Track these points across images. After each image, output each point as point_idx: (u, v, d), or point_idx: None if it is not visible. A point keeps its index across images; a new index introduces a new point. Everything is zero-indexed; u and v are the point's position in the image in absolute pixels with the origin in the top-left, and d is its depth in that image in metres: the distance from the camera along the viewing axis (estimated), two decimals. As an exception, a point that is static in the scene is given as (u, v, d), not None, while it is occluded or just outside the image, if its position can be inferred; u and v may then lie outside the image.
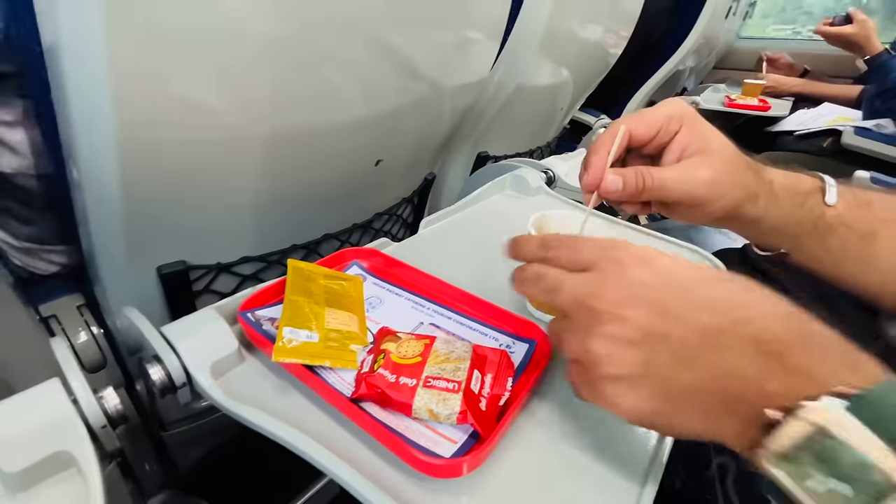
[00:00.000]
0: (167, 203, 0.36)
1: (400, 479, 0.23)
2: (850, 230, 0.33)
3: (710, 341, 0.20)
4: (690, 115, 0.31)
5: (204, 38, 0.29)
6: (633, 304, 0.21)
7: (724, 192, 0.30)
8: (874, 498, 0.16)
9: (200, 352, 0.27)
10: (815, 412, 0.17)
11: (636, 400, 0.21)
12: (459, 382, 0.25)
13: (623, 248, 0.23)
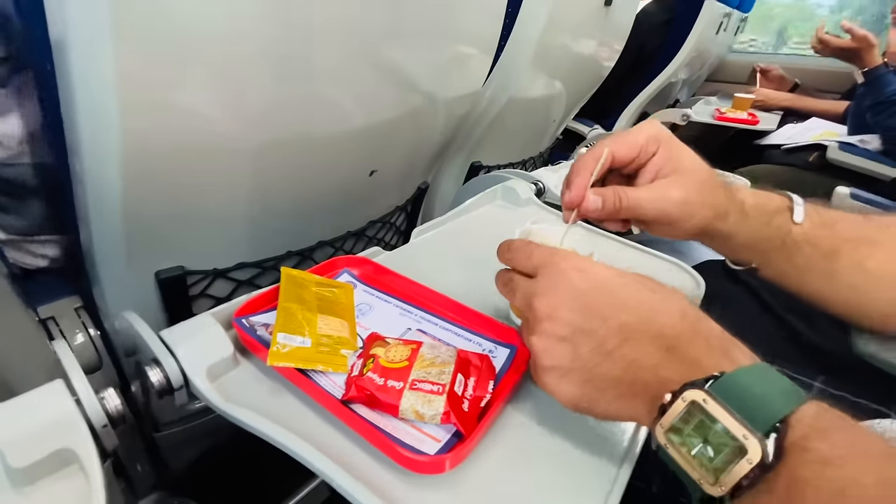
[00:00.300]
0: (167, 208, 0.38)
1: (387, 477, 0.24)
2: (815, 248, 0.35)
3: (624, 336, 0.24)
4: (667, 138, 0.33)
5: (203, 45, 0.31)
6: (565, 306, 0.25)
7: (695, 212, 0.32)
8: (728, 460, 0.20)
9: (197, 356, 0.28)
10: (691, 393, 0.21)
11: (567, 387, 0.25)
12: (444, 385, 0.26)
13: (566, 257, 0.26)
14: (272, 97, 0.37)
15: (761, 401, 0.20)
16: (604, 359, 0.24)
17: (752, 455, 0.19)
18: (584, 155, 0.33)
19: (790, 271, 0.36)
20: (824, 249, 0.35)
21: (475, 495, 0.24)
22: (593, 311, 0.24)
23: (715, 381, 0.21)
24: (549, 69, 0.84)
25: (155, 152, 0.33)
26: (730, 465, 0.20)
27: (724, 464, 0.20)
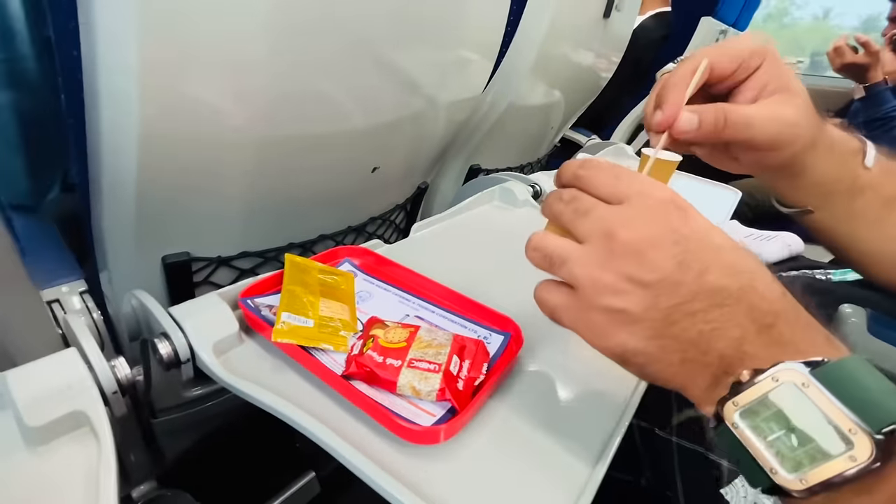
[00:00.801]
0: (176, 194, 0.39)
1: (385, 448, 0.25)
2: (876, 194, 0.34)
3: (718, 300, 0.21)
4: (773, 52, 0.29)
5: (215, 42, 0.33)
6: (660, 246, 0.21)
7: (801, 136, 0.29)
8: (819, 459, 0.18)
9: (204, 331, 0.29)
10: (789, 374, 0.19)
11: (626, 337, 0.22)
12: (440, 364, 0.28)
13: (665, 191, 0.23)
14: (277, 94, 0.39)
15: (875, 396, 0.18)
16: (684, 318, 0.21)
17: (859, 452, 0.17)
18: (677, 67, 0.28)
19: (845, 217, 0.35)
20: (884, 196, 0.34)
21: (467, 467, 0.25)
22: (691, 262, 0.21)
23: (818, 366, 0.19)
24: (548, 78, 0.87)
25: (168, 140, 0.34)
26: (821, 462, 0.18)
27: (810, 459, 0.18)
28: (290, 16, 0.35)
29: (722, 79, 0.28)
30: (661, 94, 0.28)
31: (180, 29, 0.29)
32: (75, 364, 0.25)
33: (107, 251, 0.40)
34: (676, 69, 0.28)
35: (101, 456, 0.23)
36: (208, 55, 0.32)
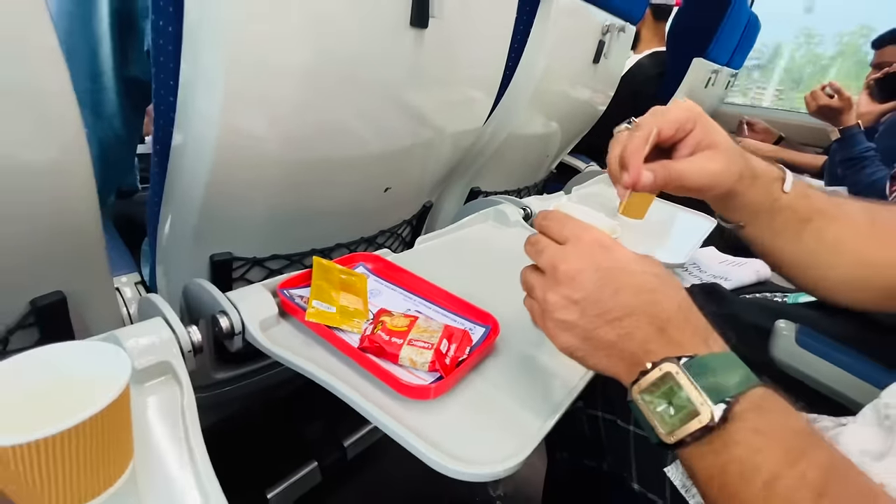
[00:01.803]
0: (227, 208, 0.48)
1: (388, 402, 0.33)
2: (793, 213, 0.41)
3: (627, 312, 0.28)
4: (702, 115, 0.37)
5: (272, 95, 0.42)
6: (584, 275, 0.29)
7: (726, 180, 0.37)
8: (684, 419, 0.25)
9: (253, 311, 0.38)
10: (668, 365, 0.26)
11: (567, 338, 0.30)
12: (433, 344, 0.36)
13: (594, 233, 0.31)
14: (311, 126, 0.48)
15: (719, 380, 0.25)
16: (605, 325, 0.29)
17: (703, 418, 0.24)
18: (632, 135, 0.36)
19: (769, 231, 0.42)
20: (800, 216, 0.41)
21: (449, 418, 0.33)
22: (607, 285, 0.29)
23: (689, 359, 0.26)
24: (545, 111, 0.96)
25: (229, 165, 0.44)
26: (684, 423, 0.25)
27: (680, 422, 0.25)
28: (325, 70, 0.45)
29: (666, 140, 0.37)
30: (624, 158, 0.36)
31: (249, 87, 0.39)
32: (163, 328, 0.34)
33: (168, 250, 0.50)
34: (633, 136, 0.36)
35: (185, 395, 0.31)
36: (263, 102, 0.42)
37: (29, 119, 0.31)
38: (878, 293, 0.42)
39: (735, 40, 1.80)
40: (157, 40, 0.37)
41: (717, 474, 0.24)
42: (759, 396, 0.25)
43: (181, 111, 0.39)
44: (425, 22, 0.47)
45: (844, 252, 0.41)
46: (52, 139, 0.32)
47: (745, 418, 0.24)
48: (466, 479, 0.29)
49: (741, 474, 0.23)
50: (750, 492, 0.23)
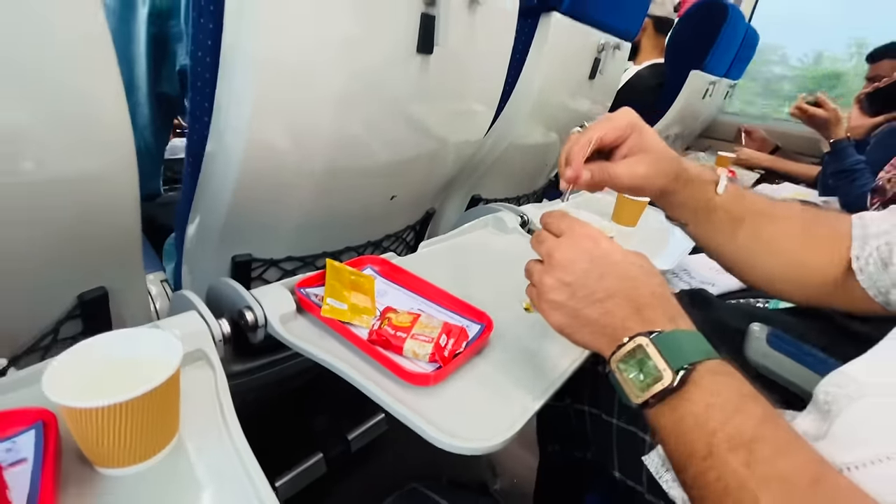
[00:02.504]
0: (249, 214, 0.53)
1: (393, 387, 0.38)
2: (727, 213, 0.45)
3: (609, 294, 0.33)
4: (640, 124, 0.42)
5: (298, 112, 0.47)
6: (574, 263, 0.34)
7: (654, 181, 0.42)
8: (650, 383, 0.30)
9: (274, 307, 0.43)
10: (640, 339, 0.31)
11: (558, 317, 0.35)
12: (433, 338, 0.41)
13: (585, 228, 0.36)
14: (330, 141, 0.53)
15: (681, 351, 0.29)
16: (590, 304, 0.33)
17: (665, 381, 0.29)
18: (577, 139, 0.41)
19: (707, 229, 0.46)
20: (733, 215, 0.45)
21: (446, 401, 0.38)
22: (593, 270, 0.33)
23: (658, 334, 0.30)
24: (543, 122, 1.01)
25: (253, 176, 0.49)
26: (650, 386, 0.30)
27: (647, 385, 0.30)
28: (342, 91, 0.50)
29: (609, 143, 0.42)
30: (569, 156, 0.41)
31: (275, 106, 0.44)
32: (198, 320, 0.39)
33: (193, 251, 0.55)
34: (579, 138, 0.41)
35: (218, 378, 0.36)
36: (287, 119, 0.47)
37: (88, 130, 0.36)
38: (813, 290, 0.45)
39: (732, 53, 1.84)
40: (195, 67, 0.42)
41: (674, 428, 0.29)
42: (713, 365, 0.29)
43: (214, 127, 0.44)
44: (430, 49, 0.52)
45: (779, 252, 0.45)
46: (107, 149, 0.38)
47: (698, 382, 0.29)
48: (461, 452, 0.33)
49: (692, 426, 0.28)
50: (699, 439, 0.27)
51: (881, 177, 0.93)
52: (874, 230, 0.42)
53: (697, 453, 0.27)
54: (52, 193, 0.37)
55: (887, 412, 0.30)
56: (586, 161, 0.41)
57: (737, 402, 0.28)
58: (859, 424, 0.30)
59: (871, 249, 0.41)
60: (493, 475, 1.05)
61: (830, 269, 0.44)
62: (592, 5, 0.81)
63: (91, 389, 0.25)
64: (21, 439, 0.27)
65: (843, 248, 0.43)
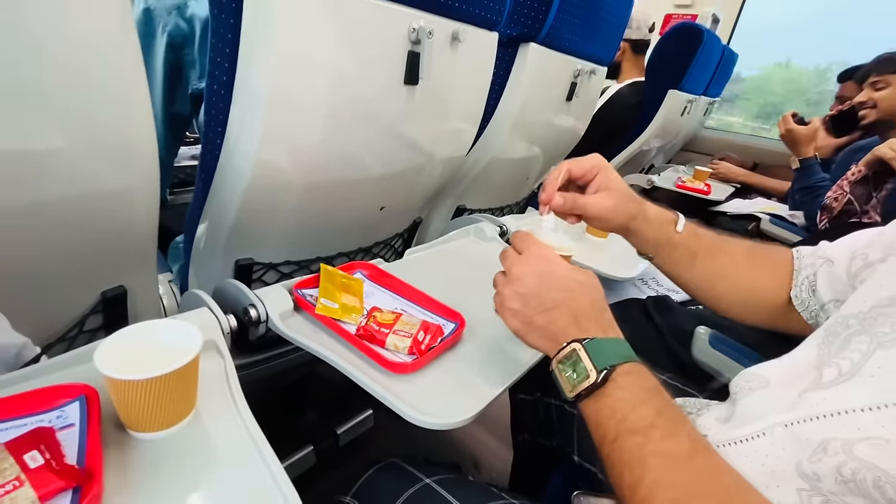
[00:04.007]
0: (252, 222, 0.60)
1: (377, 375, 0.45)
2: (686, 249, 0.52)
3: (554, 304, 0.39)
4: (605, 166, 0.50)
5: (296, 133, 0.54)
6: (528, 277, 0.40)
7: (617, 215, 0.49)
8: (581, 380, 0.36)
9: (275, 305, 0.50)
10: (574, 344, 0.37)
11: (514, 322, 0.41)
12: (412, 334, 0.48)
13: (540, 249, 0.42)
14: (323, 156, 0.60)
15: (605, 355, 0.36)
16: (539, 313, 0.39)
17: (591, 379, 0.35)
18: (553, 170, 0.50)
19: (669, 262, 0.53)
20: (691, 250, 0.52)
21: (423, 388, 0.44)
22: (542, 285, 0.40)
23: (589, 340, 0.37)
24: (524, 139, 1.09)
25: (257, 188, 0.55)
26: (580, 383, 0.36)
27: (578, 382, 0.36)
28: (339, 116, 0.57)
29: (576, 178, 0.50)
30: (544, 184, 0.49)
31: (281, 130, 0.51)
32: (209, 315, 0.45)
33: (201, 254, 0.61)
34: (552, 171, 0.50)
35: (227, 365, 0.43)
36: (291, 141, 0.54)
37: (121, 151, 0.42)
38: (764, 314, 0.53)
39: (710, 73, 1.95)
40: (210, 98, 0.49)
41: (595, 417, 0.36)
42: (628, 367, 0.36)
43: (225, 148, 0.51)
44: (416, 81, 0.59)
45: (727, 280, 0.52)
46: (135, 168, 0.44)
47: (615, 380, 0.35)
48: (431, 427, 0.40)
49: (607, 415, 0.35)
50: (610, 426, 0.34)
51: (828, 196, 1.02)
52: (806, 262, 0.49)
53: (608, 436, 0.34)
54: (86, 205, 0.43)
55: (767, 401, 0.37)
56: (564, 191, 0.49)
57: (641, 396, 0.34)
58: (748, 410, 0.38)
59: (802, 278, 0.49)
60: (474, 468, 1.12)
61: (775, 296, 0.50)
62: (567, 36, 0.89)
63: (129, 367, 0.32)
64: (69, 408, 0.33)
65: (785, 278, 0.50)
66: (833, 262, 0.46)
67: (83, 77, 0.37)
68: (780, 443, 0.32)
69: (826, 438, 0.28)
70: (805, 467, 0.29)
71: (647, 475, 0.31)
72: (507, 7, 0.70)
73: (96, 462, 0.29)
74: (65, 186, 0.41)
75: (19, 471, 0.26)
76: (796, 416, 0.32)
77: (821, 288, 0.47)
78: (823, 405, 0.31)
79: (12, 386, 0.36)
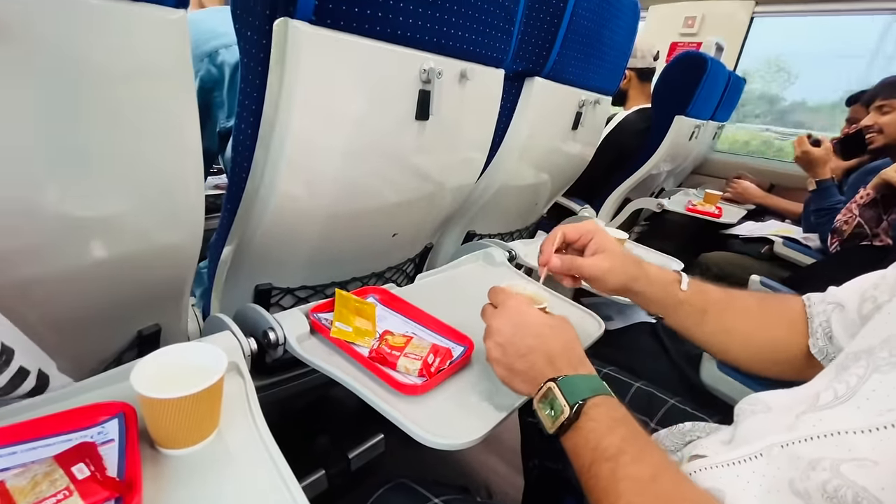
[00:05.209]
0: (273, 250, 0.63)
1: (389, 396, 0.47)
2: (692, 307, 0.53)
3: (529, 350, 0.43)
4: (599, 230, 0.54)
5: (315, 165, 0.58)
6: (504, 328, 0.45)
7: (615, 277, 0.52)
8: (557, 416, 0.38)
9: (292, 328, 0.52)
10: (549, 384, 0.40)
11: (499, 370, 0.45)
12: (422, 356, 0.50)
13: (513, 300, 0.47)
14: (343, 188, 0.64)
15: (576, 390, 0.39)
16: (517, 359, 0.43)
17: (565, 413, 0.38)
18: (550, 234, 0.54)
19: (678, 320, 0.54)
20: (698, 307, 0.53)
21: (432, 409, 0.46)
22: (517, 334, 0.44)
23: (562, 378, 0.40)
24: (532, 166, 1.12)
25: (278, 218, 0.59)
26: (557, 418, 0.38)
27: (555, 418, 0.39)
28: (355, 150, 0.60)
29: (572, 241, 0.54)
30: (542, 247, 0.54)
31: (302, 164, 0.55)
32: (231, 338, 0.48)
33: (224, 281, 0.64)
34: (549, 235, 0.53)
35: (247, 386, 0.45)
36: (312, 173, 0.58)
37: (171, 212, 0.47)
38: (783, 366, 0.52)
39: (716, 98, 1.98)
40: (237, 136, 0.53)
41: (573, 448, 0.38)
42: (597, 399, 0.38)
43: (250, 183, 0.55)
44: (426, 116, 0.63)
45: (740, 334, 0.52)
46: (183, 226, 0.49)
47: (587, 413, 0.38)
48: (438, 447, 0.42)
49: (582, 445, 0.37)
50: (585, 455, 0.36)
51: (838, 219, 1.02)
52: (818, 309, 0.49)
53: (585, 465, 0.36)
54: (136, 261, 0.47)
55: (767, 423, 0.38)
56: (562, 253, 0.53)
57: (609, 425, 0.36)
58: (748, 432, 0.39)
59: (816, 326, 0.48)
60: (487, 495, 1.11)
61: (794, 349, 0.50)
62: (571, 69, 0.93)
63: (161, 387, 0.35)
64: (108, 425, 0.36)
65: (801, 328, 0.49)
66: (843, 306, 0.46)
67: (150, 140, 0.42)
68: (776, 462, 0.33)
69: (817, 458, 0.29)
70: (797, 485, 0.30)
71: (620, 500, 0.33)
72: (512, 46, 0.74)
73: (136, 475, 0.32)
74: (122, 247, 0.45)
75: (69, 482, 0.29)
76: (793, 437, 0.33)
77: (837, 334, 0.46)
78: (819, 426, 0.32)
79: (57, 403, 0.39)
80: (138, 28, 0.37)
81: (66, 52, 0.34)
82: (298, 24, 0.46)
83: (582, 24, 0.88)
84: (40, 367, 0.39)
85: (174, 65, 0.40)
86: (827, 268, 1.12)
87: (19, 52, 0.32)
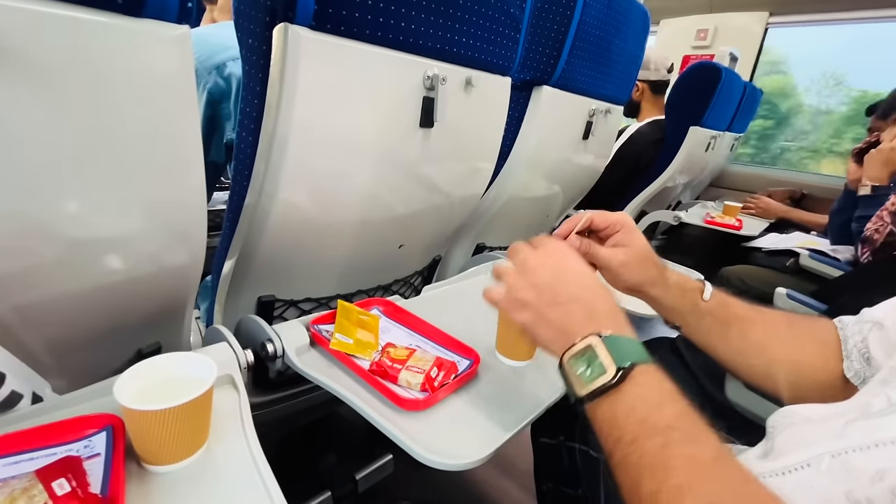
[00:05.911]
0: (275, 263, 0.62)
1: (389, 412, 0.44)
2: (714, 318, 0.48)
3: (569, 299, 0.38)
4: (629, 223, 0.49)
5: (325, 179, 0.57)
6: (544, 268, 0.39)
7: (630, 273, 0.48)
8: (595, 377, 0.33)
9: (291, 340, 0.51)
10: (591, 339, 0.35)
11: (524, 315, 0.39)
12: (425, 370, 0.47)
13: (555, 243, 0.42)
14: (346, 196, 0.63)
15: (625, 352, 0.34)
16: (552, 307, 0.38)
17: (608, 375, 0.33)
18: (575, 215, 0.50)
19: (699, 332, 0.50)
20: (721, 320, 0.48)
21: (434, 425, 0.43)
22: (558, 278, 0.39)
23: (608, 336, 0.35)
24: (541, 177, 1.10)
25: (279, 232, 0.58)
26: (594, 380, 0.33)
27: (592, 380, 0.33)
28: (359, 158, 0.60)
29: (598, 229, 0.49)
30: (564, 223, 0.50)
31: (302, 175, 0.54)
32: (227, 350, 0.46)
33: (227, 293, 0.63)
34: (574, 216, 0.49)
35: (241, 399, 0.43)
36: (311, 182, 0.57)
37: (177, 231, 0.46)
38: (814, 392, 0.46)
39: (732, 109, 1.94)
40: (239, 145, 0.53)
41: (610, 417, 0.33)
42: (646, 367, 0.34)
43: (251, 190, 0.54)
44: (431, 124, 0.62)
45: (768, 353, 0.47)
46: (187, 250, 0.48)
47: (632, 379, 0.33)
48: (442, 467, 0.39)
49: (623, 416, 0.32)
50: (626, 427, 0.32)
51: (868, 227, 0.97)
52: (852, 329, 0.45)
53: (624, 438, 0.32)
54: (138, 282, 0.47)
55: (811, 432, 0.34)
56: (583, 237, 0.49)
57: (660, 397, 0.32)
58: (788, 442, 0.35)
59: (851, 347, 0.44)
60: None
61: (827, 374, 0.45)
62: (580, 78, 0.92)
63: (147, 398, 0.33)
64: (96, 438, 0.34)
65: (835, 351, 0.45)
66: (882, 325, 0.43)
67: (156, 162, 0.41)
68: (829, 472, 0.29)
69: (882, 469, 0.26)
70: (857, 495, 0.27)
71: (670, 479, 0.28)
72: (518, 54, 0.73)
73: (119, 492, 0.30)
74: (127, 269, 0.45)
75: (47, 498, 0.27)
76: (845, 446, 0.30)
77: (875, 354, 0.42)
78: (875, 434, 0.29)
79: (44, 415, 0.37)
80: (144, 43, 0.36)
81: (71, 70, 0.34)
82: (298, 29, 0.45)
83: (590, 32, 0.87)
84: (34, 391, 0.38)
85: (177, 80, 0.40)
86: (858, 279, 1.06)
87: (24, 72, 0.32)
